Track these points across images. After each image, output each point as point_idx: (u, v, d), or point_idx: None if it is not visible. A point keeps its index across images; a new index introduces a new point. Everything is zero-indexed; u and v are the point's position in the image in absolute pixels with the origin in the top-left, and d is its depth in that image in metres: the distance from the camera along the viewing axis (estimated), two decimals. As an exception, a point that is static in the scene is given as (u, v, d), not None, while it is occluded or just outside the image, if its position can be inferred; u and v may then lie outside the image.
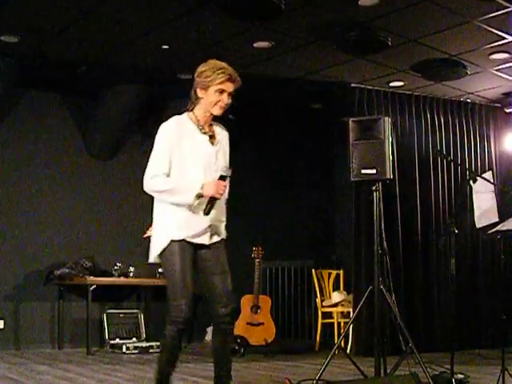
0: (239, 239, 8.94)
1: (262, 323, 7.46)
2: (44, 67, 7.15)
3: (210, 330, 8.44)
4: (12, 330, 7.58)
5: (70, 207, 8.06)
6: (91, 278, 7.47)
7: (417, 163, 7.61)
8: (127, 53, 6.70)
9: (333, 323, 7.67)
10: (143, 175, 3.54)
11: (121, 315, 8.02)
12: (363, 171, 4.90)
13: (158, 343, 7.54)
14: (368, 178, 4.90)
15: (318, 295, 7.84)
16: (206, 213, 3.50)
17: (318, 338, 7.71)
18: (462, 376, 4.94)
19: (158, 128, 3.71)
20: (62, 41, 6.36)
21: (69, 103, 8.15)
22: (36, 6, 5.57)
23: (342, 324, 7.62)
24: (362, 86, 7.48)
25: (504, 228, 4.80)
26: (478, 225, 5.19)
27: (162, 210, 3.59)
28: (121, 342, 7.64)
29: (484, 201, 5.05)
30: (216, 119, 3.70)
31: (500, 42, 6.29)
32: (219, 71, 3.52)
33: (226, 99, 3.56)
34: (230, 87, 3.55)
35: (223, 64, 3.57)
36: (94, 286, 7.40)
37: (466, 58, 6.71)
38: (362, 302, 4.90)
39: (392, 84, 7.56)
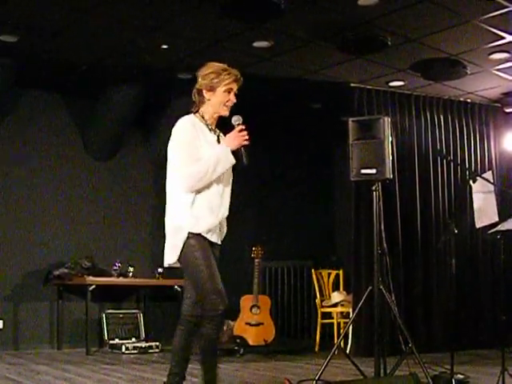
0: (239, 239, 8.96)
1: (262, 323, 7.45)
2: (43, 67, 7.14)
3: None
4: (11, 330, 7.57)
5: (69, 207, 8.06)
6: (90, 278, 7.46)
7: (416, 163, 7.60)
8: (126, 53, 6.69)
9: (332, 323, 7.66)
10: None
11: (120, 315, 8.01)
12: (363, 171, 4.90)
13: (157, 343, 7.55)
14: (368, 177, 4.90)
15: (318, 295, 7.83)
16: (247, 161, 3.61)
17: (317, 338, 7.70)
18: (461, 376, 4.94)
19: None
20: (61, 41, 6.35)
21: (68, 103, 8.14)
22: (35, 6, 5.56)
23: (342, 324, 7.62)
24: (362, 86, 7.48)
25: (504, 228, 4.79)
26: (478, 225, 5.18)
27: (179, 209, 3.57)
28: (120, 342, 7.63)
29: (484, 200, 5.04)
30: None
31: (500, 42, 6.28)
32: (225, 72, 3.63)
33: (233, 98, 3.67)
34: (235, 87, 3.67)
35: (225, 65, 3.69)
36: (93, 286, 7.39)
37: (465, 57, 6.71)
38: (361, 302, 4.90)
39: (392, 84, 7.55)
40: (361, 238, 7.19)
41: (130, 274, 7.88)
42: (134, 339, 7.86)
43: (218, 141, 3.69)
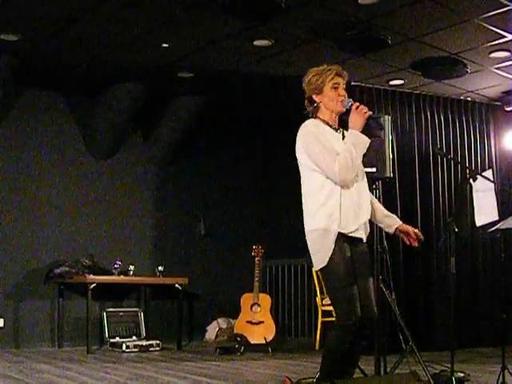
0: (240, 238, 8.98)
1: (262, 322, 7.46)
2: (44, 66, 7.14)
3: (209, 328, 8.44)
4: (12, 328, 7.58)
5: (69, 206, 8.06)
6: (91, 276, 7.46)
7: (417, 161, 7.60)
8: (127, 51, 6.69)
9: (333, 322, 7.64)
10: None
11: (121, 314, 8.02)
12: (363, 169, 4.89)
13: (158, 341, 7.56)
14: (368, 176, 4.90)
15: (318, 294, 7.83)
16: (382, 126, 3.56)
17: (318, 336, 7.70)
18: (462, 374, 4.93)
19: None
20: (62, 39, 6.35)
21: (68, 102, 8.14)
22: (36, 5, 5.56)
23: (342, 322, 7.60)
24: (362, 85, 7.47)
25: (504, 226, 4.79)
26: (478, 223, 5.19)
27: (325, 212, 3.60)
28: (120, 340, 7.64)
29: (484, 199, 5.05)
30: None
31: (500, 41, 6.28)
32: (325, 71, 3.66)
33: (342, 92, 3.67)
34: (340, 81, 3.68)
35: (324, 65, 3.70)
36: (93, 285, 7.39)
37: (466, 56, 6.71)
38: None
39: (392, 82, 7.55)
40: (361, 236, 7.18)
41: (131, 272, 7.88)
42: (134, 337, 7.87)
43: (343, 137, 3.67)
